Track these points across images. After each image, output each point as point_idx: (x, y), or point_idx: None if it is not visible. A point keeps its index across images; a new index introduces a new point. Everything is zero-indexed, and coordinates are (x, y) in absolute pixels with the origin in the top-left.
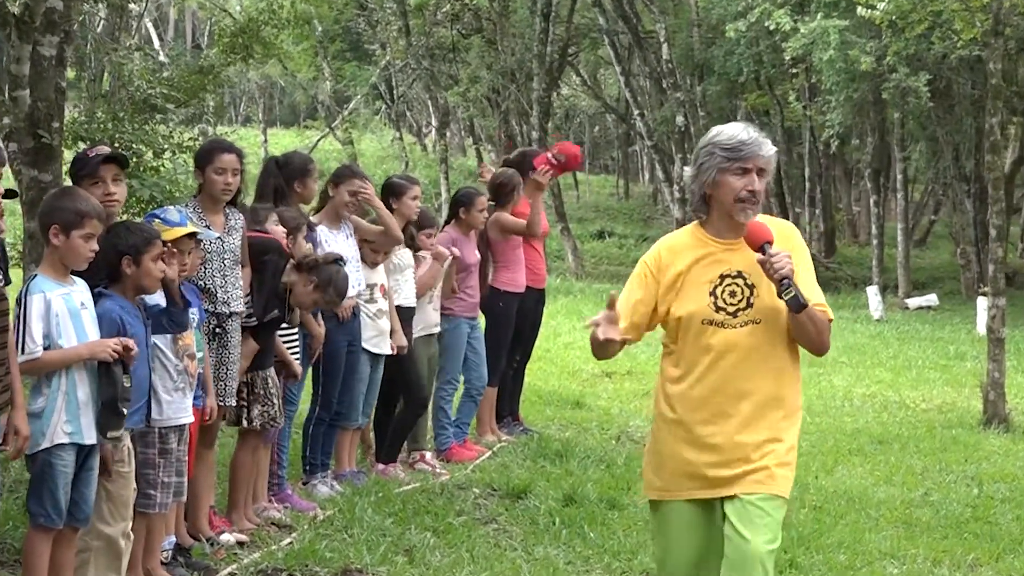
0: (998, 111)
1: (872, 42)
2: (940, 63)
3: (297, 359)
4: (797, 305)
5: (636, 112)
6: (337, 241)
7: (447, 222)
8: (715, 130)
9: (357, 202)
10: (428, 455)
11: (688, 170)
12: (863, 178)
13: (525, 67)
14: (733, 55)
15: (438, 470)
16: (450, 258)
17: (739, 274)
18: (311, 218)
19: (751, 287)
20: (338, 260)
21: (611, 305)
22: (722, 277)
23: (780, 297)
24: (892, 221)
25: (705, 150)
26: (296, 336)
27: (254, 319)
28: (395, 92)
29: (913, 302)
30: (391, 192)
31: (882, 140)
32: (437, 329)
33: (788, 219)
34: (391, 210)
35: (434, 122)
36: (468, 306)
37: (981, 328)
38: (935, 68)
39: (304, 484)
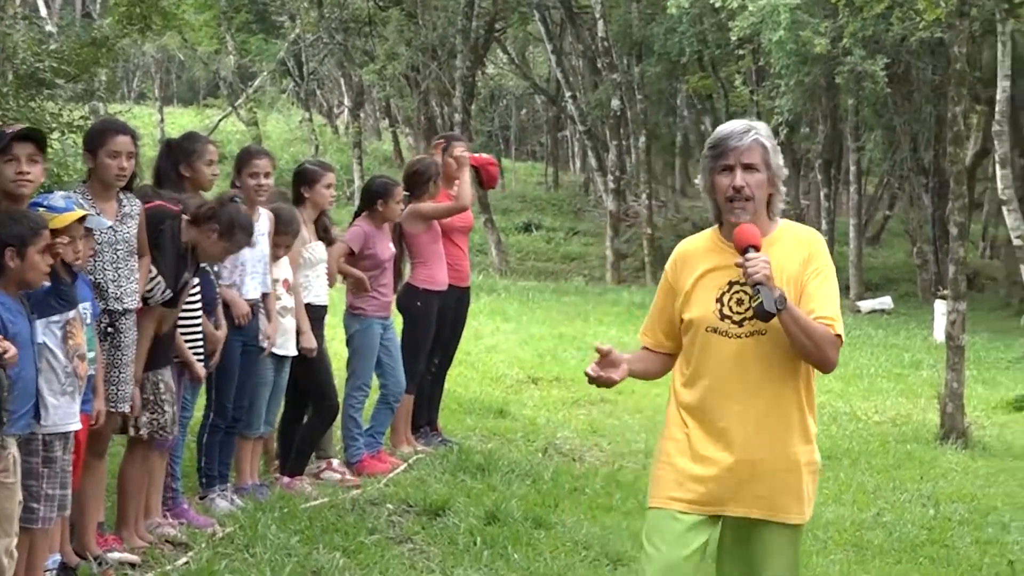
0: (962, 99)
1: (826, 22)
2: (899, 46)
3: (200, 360)
4: (762, 312)
5: (568, 94)
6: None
7: (359, 213)
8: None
9: (261, 188)
10: (335, 462)
11: (700, 177)
12: (813, 169)
13: (448, 43)
14: (675, 33)
15: (347, 477)
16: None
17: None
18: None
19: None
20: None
21: (602, 356)
22: (731, 284)
23: (752, 304)
24: (844, 216)
25: (702, 154)
26: (200, 335)
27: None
28: (305, 69)
29: (865, 305)
30: (304, 180)
31: (834, 129)
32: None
33: None
34: (303, 199)
35: (347, 102)
36: (380, 305)
37: (939, 334)
38: (893, 51)
39: (201, 498)
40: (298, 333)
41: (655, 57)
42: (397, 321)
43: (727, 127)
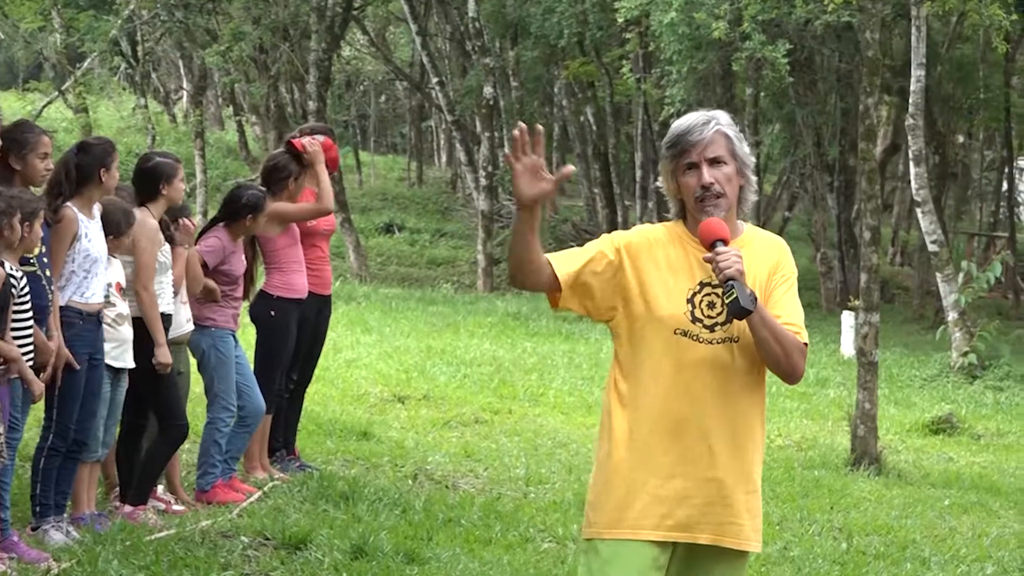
0: (874, 89)
1: (724, 3)
2: (802, 30)
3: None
4: (736, 309)
5: (434, 80)
6: (93, 231)
7: (215, 221)
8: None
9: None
10: (159, 489)
11: (659, 180)
12: None
13: (301, 22)
14: (553, 14)
15: (174, 506)
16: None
17: (721, 283)
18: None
19: None
20: None
21: (522, 137)
22: (702, 285)
23: (724, 301)
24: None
25: (661, 154)
26: (30, 346)
27: None
28: (140, 49)
29: None
30: (160, 176)
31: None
32: (189, 327)
33: (616, 213)
34: (160, 196)
35: (187, 87)
36: (231, 316)
37: (846, 348)
38: (796, 36)
39: (33, 530)
40: (149, 346)
41: (532, 40)
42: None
43: (684, 121)
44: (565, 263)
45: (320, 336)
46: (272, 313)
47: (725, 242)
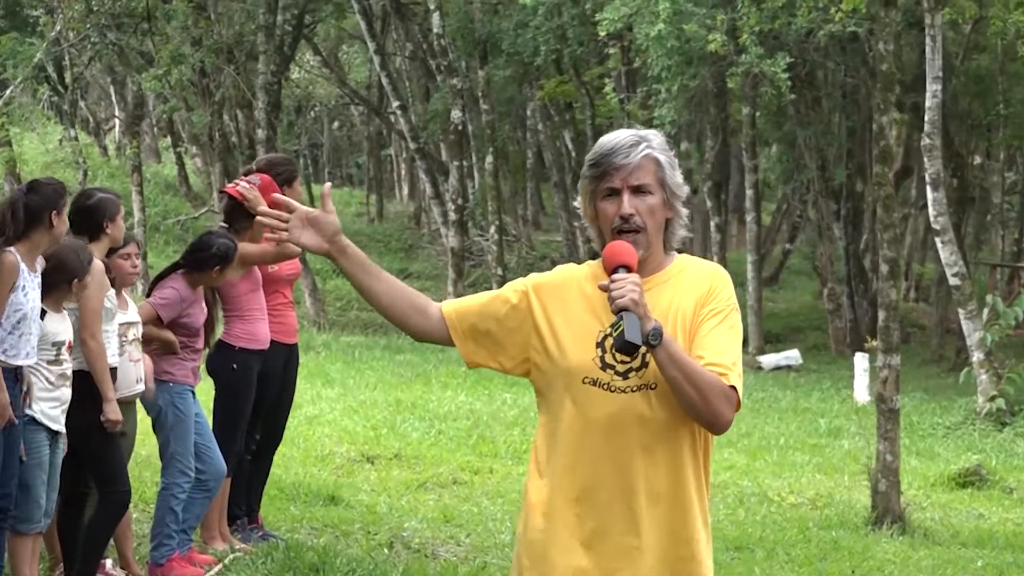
0: (889, 106)
1: (719, 13)
2: (803, 42)
3: None
4: (622, 344)
5: (395, 104)
6: (31, 285)
7: (176, 267)
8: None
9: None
10: (108, 563)
11: (578, 199)
12: (699, 193)
13: (247, 42)
14: (527, 28)
15: None
16: None
17: None
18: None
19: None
20: None
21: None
22: (616, 325)
23: (611, 334)
24: (737, 250)
25: (582, 173)
26: None
27: None
28: (68, 75)
29: (769, 360)
30: (103, 213)
31: (725, 144)
32: (140, 388)
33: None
34: (103, 235)
35: (119, 115)
36: (191, 370)
37: (860, 394)
38: (796, 49)
39: None
40: (92, 403)
41: (504, 58)
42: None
43: (611, 139)
44: (455, 305)
45: (289, 388)
46: (234, 366)
47: (629, 269)
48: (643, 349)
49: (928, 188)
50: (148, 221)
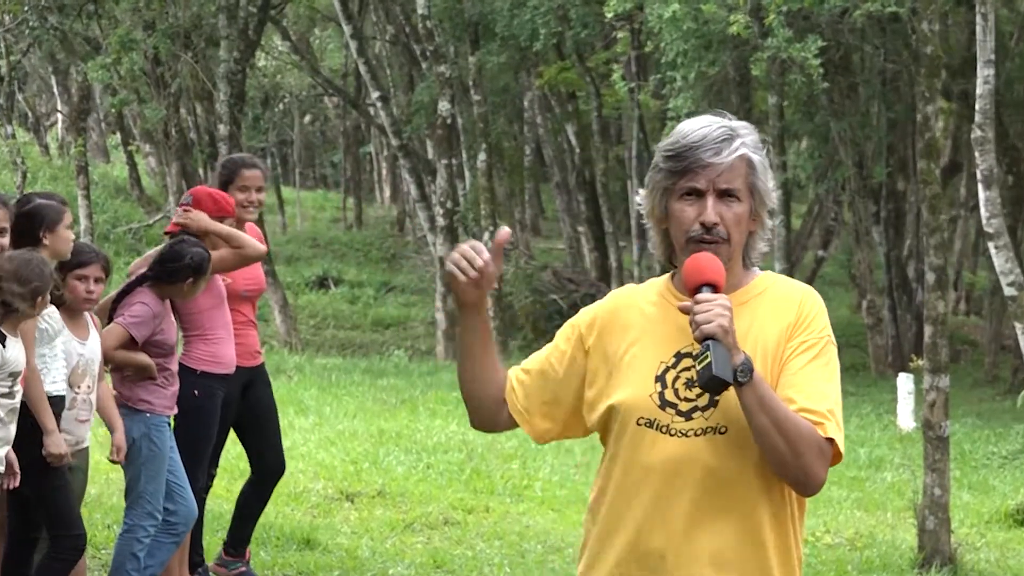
0: (935, 94)
1: None
2: (837, 24)
3: None
4: (708, 380)
5: (375, 95)
6: None
7: (142, 280)
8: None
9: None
10: None
11: (640, 193)
12: None
13: (206, 26)
14: (524, 9)
15: None
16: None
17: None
18: None
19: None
20: None
21: (497, 243)
22: (679, 356)
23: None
24: (765, 260)
25: (653, 163)
26: None
27: None
28: (3, 64)
29: None
30: (40, 222)
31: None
32: (85, 445)
33: (607, 257)
34: (42, 246)
35: (62, 109)
36: (170, 397)
37: (904, 420)
38: (829, 31)
39: None
40: (38, 435)
41: (497, 42)
42: None
43: (696, 128)
44: (522, 394)
45: (267, 410)
46: (195, 392)
47: (715, 288)
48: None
49: (980, 186)
50: (96, 229)
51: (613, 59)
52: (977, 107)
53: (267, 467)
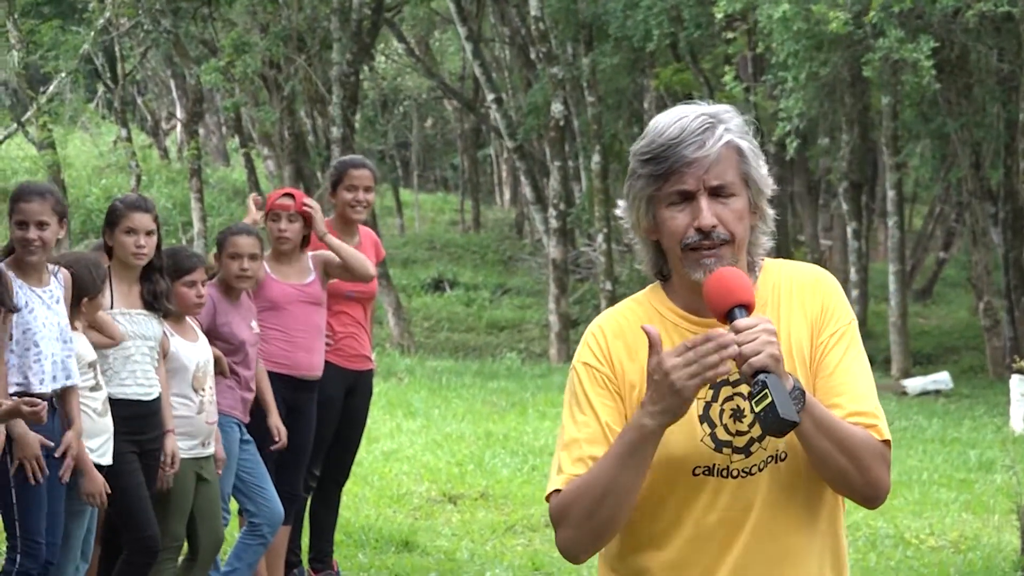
0: None
1: None
2: (950, 23)
3: None
4: (773, 422)
5: (490, 97)
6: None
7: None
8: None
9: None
10: None
11: (620, 204)
12: (836, 196)
13: (320, 29)
14: (637, 9)
15: None
16: None
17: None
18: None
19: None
20: None
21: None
22: (716, 387)
23: (752, 409)
24: (880, 261)
25: (629, 170)
26: None
27: None
28: (120, 68)
29: (914, 384)
30: (106, 220)
31: (864, 139)
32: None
33: None
34: (108, 249)
35: (179, 114)
36: (238, 400)
37: (1017, 423)
38: (943, 30)
39: None
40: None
41: (611, 43)
42: None
43: (672, 122)
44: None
45: (357, 420)
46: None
47: (747, 308)
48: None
49: None
50: (209, 232)
51: (727, 60)
52: None
53: (329, 474)
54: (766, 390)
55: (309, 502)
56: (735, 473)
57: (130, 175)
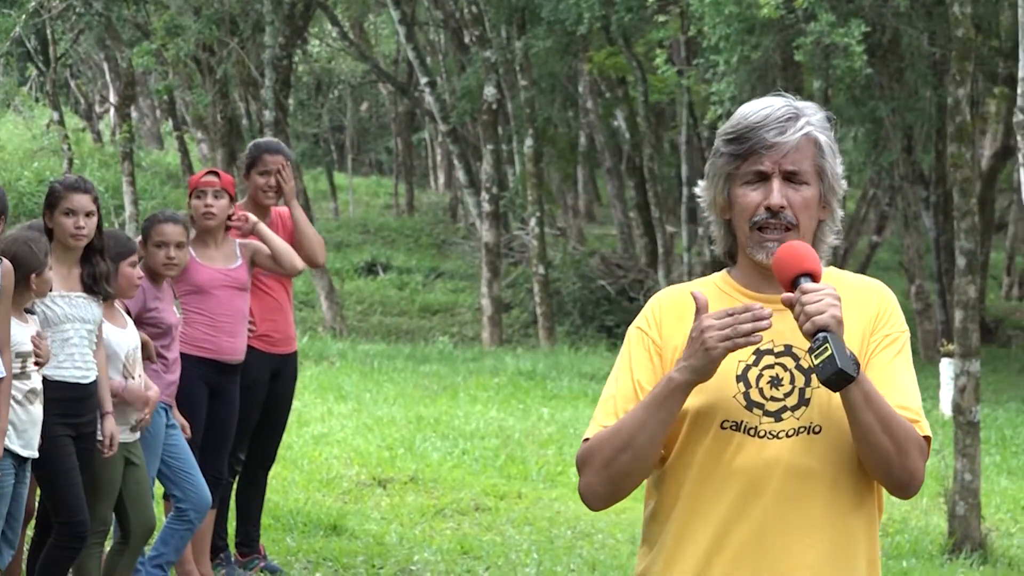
0: (966, 77)
1: None
2: (881, 7)
3: None
4: (832, 373)
5: (424, 80)
6: None
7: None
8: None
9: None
10: None
11: (700, 184)
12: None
13: (253, 12)
14: None
15: None
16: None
17: (787, 350)
18: None
19: (807, 373)
20: None
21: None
22: (759, 353)
23: (811, 361)
24: None
25: (714, 147)
26: None
27: None
28: (52, 50)
29: None
30: (45, 202)
31: None
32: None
33: (655, 243)
34: (48, 232)
35: (112, 97)
36: (164, 384)
37: (946, 406)
38: (874, 14)
39: None
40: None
41: (544, 27)
42: None
43: (758, 109)
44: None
45: (282, 404)
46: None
47: (814, 277)
48: (812, 383)
49: (1020, 170)
50: (141, 216)
51: (660, 44)
52: (1019, 91)
53: (256, 459)
54: (827, 344)
55: (235, 486)
56: (762, 433)
57: (63, 158)
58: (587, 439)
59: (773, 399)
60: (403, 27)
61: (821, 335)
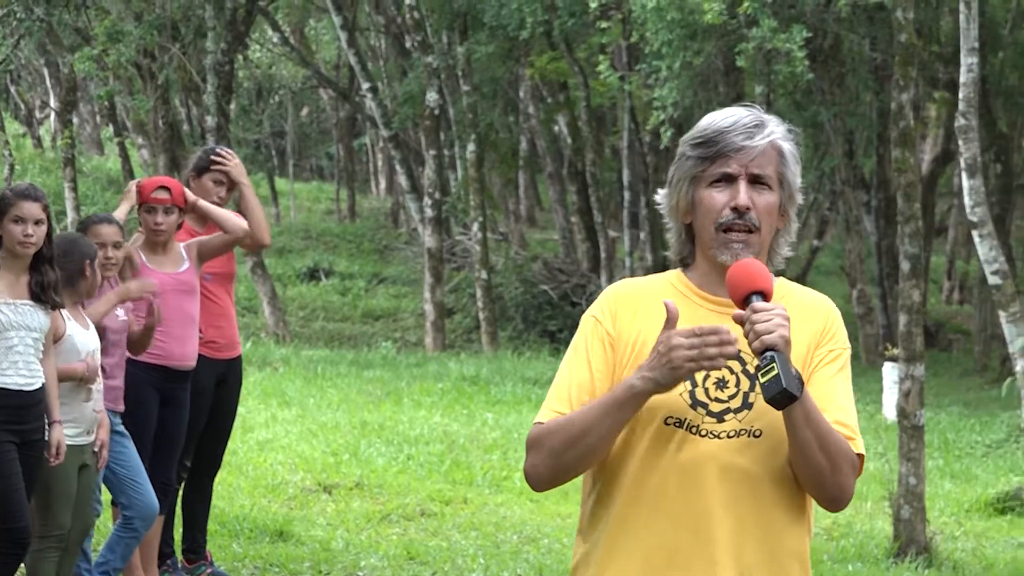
0: (909, 83)
1: None
2: (823, 12)
3: None
4: (776, 393)
5: (366, 86)
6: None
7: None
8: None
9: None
10: None
11: (660, 192)
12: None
13: (194, 17)
14: None
15: None
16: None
17: (736, 355)
18: None
19: (753, 377)
20: None
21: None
22: (764, 368)
23: (757, 380)
24: None
25: (678, 153)
26: None
27: None
28: None
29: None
30: None
31: None
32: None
33: (597, 247)
34: None
35: (53, 102)
36: (111, 391)
37: (889, 411)
38: (816, 20)
39: None
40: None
41: (486, 32)
42: None
43: (727, 116)
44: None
45: (227, 409)
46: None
47: (765, 296)
48: (756, 389)
49: (963, 174)
50: None
51: (601, 49)
52: (960, 95)
53: (202, 465)
54: (773, 364)
55: (181, 493)
56: (703, 432)
57: (3, 164)
58: (540, 422)
59: (717, 400)
60: (344, 32)
61: (769, 354)
